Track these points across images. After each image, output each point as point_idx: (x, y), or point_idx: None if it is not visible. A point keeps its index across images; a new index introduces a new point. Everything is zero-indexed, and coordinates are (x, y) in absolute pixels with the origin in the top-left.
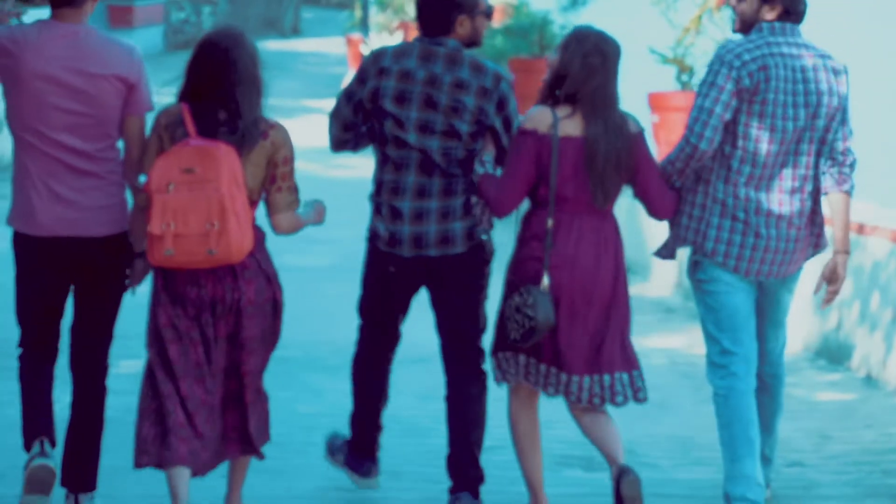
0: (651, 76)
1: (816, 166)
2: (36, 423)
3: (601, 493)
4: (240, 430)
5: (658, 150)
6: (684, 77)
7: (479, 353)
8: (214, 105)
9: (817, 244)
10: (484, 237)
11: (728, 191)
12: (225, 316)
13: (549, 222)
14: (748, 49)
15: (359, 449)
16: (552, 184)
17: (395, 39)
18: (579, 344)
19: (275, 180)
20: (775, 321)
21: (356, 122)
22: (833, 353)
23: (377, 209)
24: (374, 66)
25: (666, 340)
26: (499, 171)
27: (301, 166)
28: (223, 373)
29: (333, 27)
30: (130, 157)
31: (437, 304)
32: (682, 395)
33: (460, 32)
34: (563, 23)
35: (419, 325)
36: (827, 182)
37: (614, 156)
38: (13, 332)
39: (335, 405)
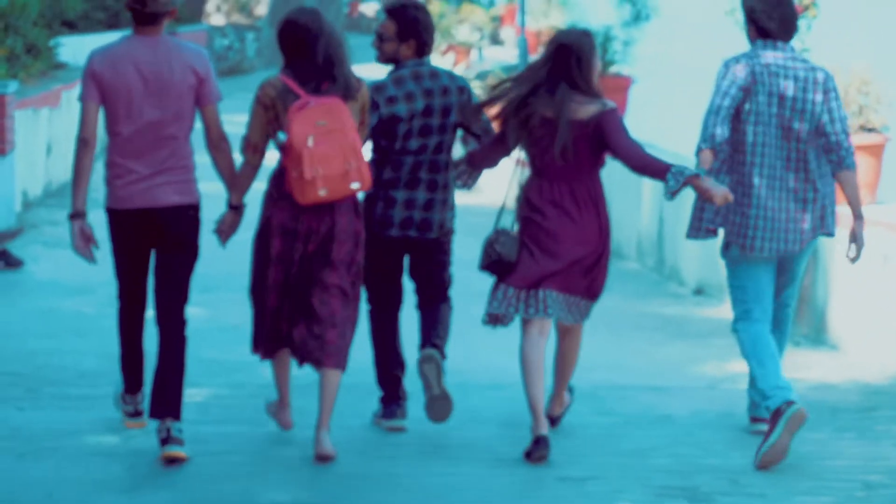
0: None
1: (807, 160)
2: (131, 376)
3: None
4: (328, 340)
5: None
6: None
7: (448, 290)
8: (313, 68)
9: (822, 227)
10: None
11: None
12: (320, 240)
13: (518, 190)
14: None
15: (388, 398)
16: (527, 157)
17: (446, 62)
18: (562, 270)
19: (363, 123)
20: (790, 281)
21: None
22: None
23: (390, 202)
24: (380, 96)
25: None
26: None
27: None
28: (318, 289)
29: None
30: (211, 137)
31: (417, 271)
32: None
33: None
34: (626, 38)
35: (495, 350)
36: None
37: (566, 118)
38: (73, 361)
39: (411, 433)
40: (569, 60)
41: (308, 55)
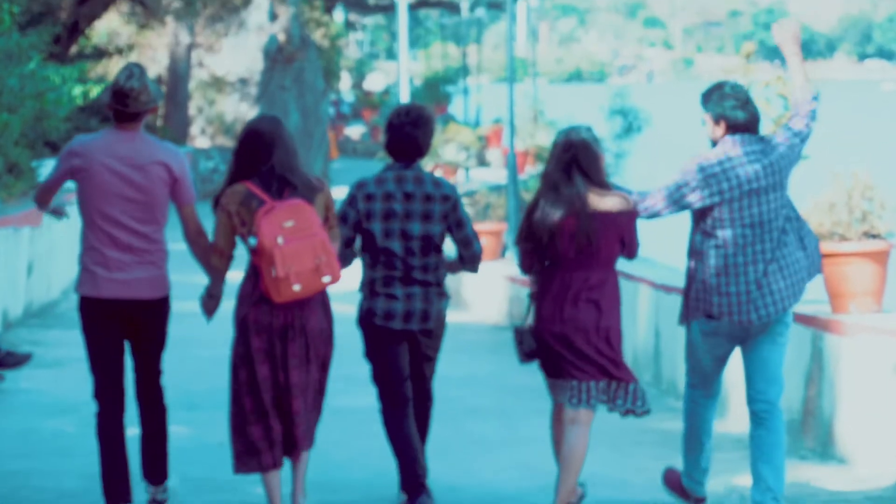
0: None
1: (777, 238)
2: (115, 487)
3: None
4: (297, 434)
5: None
6: None
7: (430, 386)
8: (274, 174)
9: (791, 297)
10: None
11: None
12: (295, 339)
13: (534, 288)
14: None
15: (414, 494)
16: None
17: None
18: (584, 360)
19: (328, 220)
20: (767, 376)
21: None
22: None
23: (373, 295)
24: (360, 192)
25: (747, 480)
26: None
27: (336, 307)
28: (295, 385)
29: (363, 175)
30: (188, 232)
31: (412, 362)
32: None
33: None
34: (618, 150)
35: (490, 468)
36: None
37: (586, 210)
38: (53, 482)
39: None
40: (576, 154)
41: (268, 161)
